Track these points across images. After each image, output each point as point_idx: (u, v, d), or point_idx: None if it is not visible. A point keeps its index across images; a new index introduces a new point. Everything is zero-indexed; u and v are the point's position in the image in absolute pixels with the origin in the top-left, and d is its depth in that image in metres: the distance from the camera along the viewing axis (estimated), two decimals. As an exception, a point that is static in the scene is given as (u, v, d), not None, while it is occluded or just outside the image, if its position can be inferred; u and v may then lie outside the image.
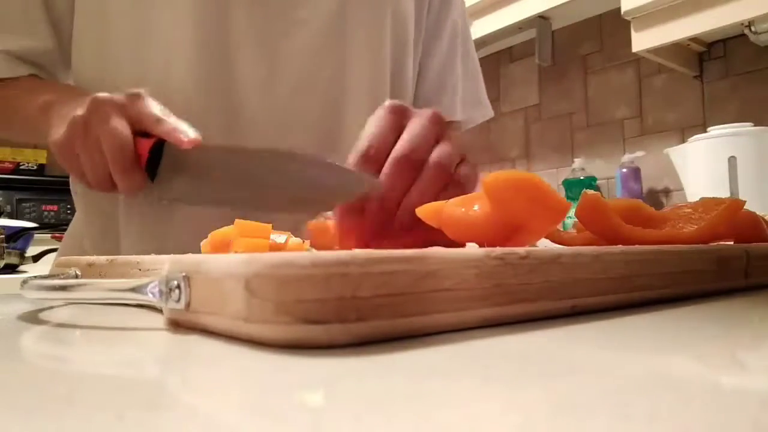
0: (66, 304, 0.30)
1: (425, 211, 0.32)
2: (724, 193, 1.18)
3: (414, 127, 0.37)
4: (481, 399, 0.13)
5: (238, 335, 0.19)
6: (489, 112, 0.75)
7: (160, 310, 0.26)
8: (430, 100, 0.71)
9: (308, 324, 0.17)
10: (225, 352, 0.18)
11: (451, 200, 0.31)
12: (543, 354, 0.17)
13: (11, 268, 1.46)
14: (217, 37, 0.55)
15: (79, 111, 0.46)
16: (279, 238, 0.33)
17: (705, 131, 1.29)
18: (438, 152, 0.36)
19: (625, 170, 1.56)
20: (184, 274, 0.21)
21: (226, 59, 0.56)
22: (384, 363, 0.16)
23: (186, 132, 0.44)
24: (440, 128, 0.38)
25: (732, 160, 1.20)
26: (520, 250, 0.22)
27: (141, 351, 0.20)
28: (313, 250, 0.23)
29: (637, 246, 0.28)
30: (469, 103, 0.73)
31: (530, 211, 0.29)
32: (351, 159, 0.37)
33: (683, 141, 1.40)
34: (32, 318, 0.27)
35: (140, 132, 0.46)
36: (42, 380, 0.16)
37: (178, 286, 0.21)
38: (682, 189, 1.36)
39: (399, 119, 0.38)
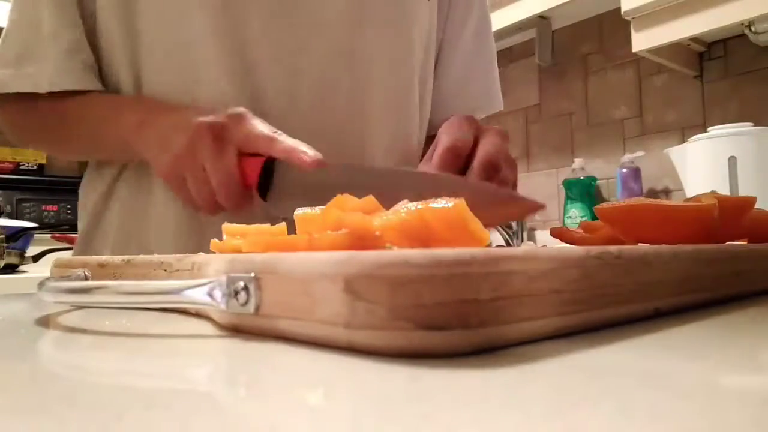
0: (76, 308, 0.30)
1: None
2: (724, 193, 1.18)
3: (492, 140, 0.48)
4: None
5: (330, 342, 0.17)
6: (499, 104, 0.74)
7: (194, 314, 0.26)
8: (456, 91, 0.70)
9: (428, 330, 0.15)
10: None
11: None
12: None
13: (11, 268, 1.46)
14: (237, 51, 0.54)
15: (182, 138, 0.46)
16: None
17: (705, 131, 1.29)
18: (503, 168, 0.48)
19: (625, 170, 1.56)
20: (253, 274, 0.19)
21: (248, 70, 0.55)
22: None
23: (306, 152, 0.44)
24: (505, 142, 0.49)
25: (732, 160, 1.20)
26: (613, 248, 0.21)
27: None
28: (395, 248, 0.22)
29: (710, 245, 0.28)
30: (487, 93, 0.73)
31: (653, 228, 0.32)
32: (436, 154, 0.46)
33: (683, 141, 1.40)
34: (54, 324, 0.27)
35: (248, 153, 0.46)
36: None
37: (246, 288, 0.19)
38: (682, 189, 1.35)
39: (474, 128, 0.48)
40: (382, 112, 0.61)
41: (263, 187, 0.47)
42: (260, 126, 0.47)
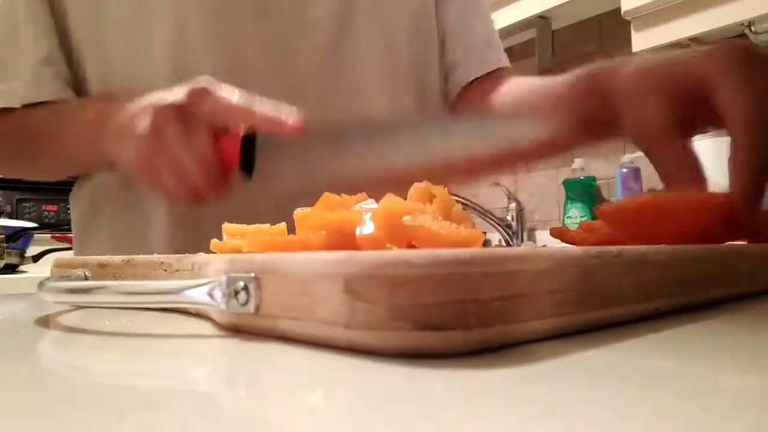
0: (76, 308, 0.29)
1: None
2: (724, 193, 1.18)
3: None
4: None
5: (329, 342, 0.17)
6: (504, 59, 0.71)
7: (194, 314, 0.26)
8: (453, 42, 0.69)
9: (428, 330, 0.15)
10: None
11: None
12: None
13: (11, 268, 1.46)
14: (229, 54, 0.54)
15: (143, 123, 0.41)
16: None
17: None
18: None
19: (625, 170, 1.56)
20: (253, 274, 0.19)
21: (239, 72, 0.54)
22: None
23: (286, 116, 0.39)
24: None
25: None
26: (613, 248, 0.21)
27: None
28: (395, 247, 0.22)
29: (710, 245, 0.28)
30: (489, 44, 0.71)
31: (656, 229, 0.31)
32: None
33: (683, 141, 1.40)
34: (54, 324, 0.27)
35: (222, 128, 0.41)
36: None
37: (246, 288, 0.19)
38: (682, 189, 1.36)
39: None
40: (377, 100, 0.60)
41: (247, 164, 0.41)
42: (228, 96, 0.41)
